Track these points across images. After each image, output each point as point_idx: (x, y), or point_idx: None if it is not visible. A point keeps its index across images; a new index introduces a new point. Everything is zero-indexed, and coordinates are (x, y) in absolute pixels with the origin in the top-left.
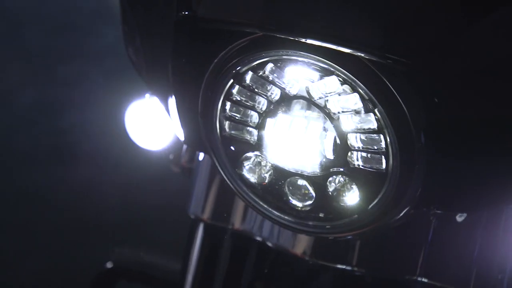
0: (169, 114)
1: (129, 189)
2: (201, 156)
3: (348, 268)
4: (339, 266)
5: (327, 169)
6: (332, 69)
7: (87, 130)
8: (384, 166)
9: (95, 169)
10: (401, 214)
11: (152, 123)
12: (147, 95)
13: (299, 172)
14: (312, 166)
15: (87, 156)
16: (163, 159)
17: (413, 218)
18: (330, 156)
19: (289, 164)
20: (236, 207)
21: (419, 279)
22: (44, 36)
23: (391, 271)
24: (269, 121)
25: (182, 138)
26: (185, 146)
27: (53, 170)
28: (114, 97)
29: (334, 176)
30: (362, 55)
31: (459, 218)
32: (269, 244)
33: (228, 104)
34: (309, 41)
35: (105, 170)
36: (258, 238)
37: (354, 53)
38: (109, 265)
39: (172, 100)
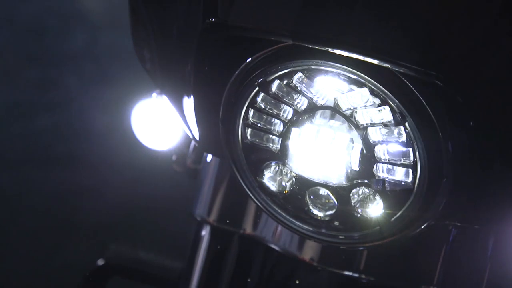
0: (181, 115)
1: (134, 189)
2: (209, 157)
3: (356, 275)
4: (348, 273)
5: (352, 181)
6: (363, 80)
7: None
8: (411, 179)
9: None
10: (422, 228)
11: (158, 123)
12: (154, 94)
13: (323, 183)
14: (337, 177)
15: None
16: (169, 159)
17: (430, 228)
18: (356, 167)
19: (313, 174)
20: (245, 211)
21: None
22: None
23: (405, 280)
24: (294, 130)
25: (197, 141)
26: (191, 147)
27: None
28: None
29: (358, 188)
30: (396, 68)
31: (475, 229)
32: (277, 249)
33: (251, 112)
34: (343, 52)
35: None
36: (266, 243)
37: (387, 66)
38: (100, 262)
39: (188, 103)
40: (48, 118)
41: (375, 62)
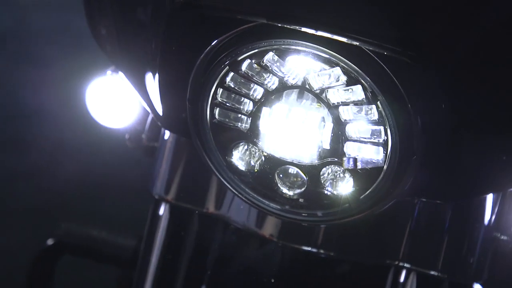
0: (140, 93)
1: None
2: (166, 135)
3: (315, 250)
4: (307, 248)
5: (323, 159)
6: (334, 59)
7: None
8: (381, 157)
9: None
10: (389, 204)
11: (114, 100)
12: (109, 72)
13: (294, 162)
14: (309, 156)
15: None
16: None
17: (396, 204)
18: (327, 146)
19: (284, 153)
20: (204, 189)
21: (401, 264)
22: None
23: (369, 256)
24: (264, 110)
25: (160, 119)
26: (148, 124)
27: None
28: None
29: (329, 166)
30: (367, 46)
31: (436, 204)
32: (237, 226)
33: (220, 91)
34: (314, 31)
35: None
36: (226, 220)
37: (358, 44)
38: (50, 241)
39: (151, 81)
40: None
41: (346, 40)
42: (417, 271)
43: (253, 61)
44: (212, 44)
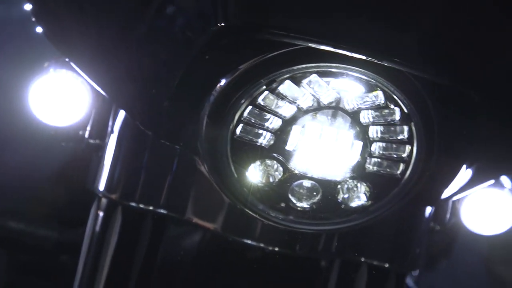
0: (96, 83)
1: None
2: (114, 135)
3: (254, 243)
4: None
5: (346, 174)
6: (374, 82)
7: None
8: (400, 171)
9: None
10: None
11: (57, 98)
12: (51, 70)
13: (314, 177)
14: (333, 173)
15: None
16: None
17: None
18: (354, 163)
19: (307, 169)
20: (157, 189)
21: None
22: None
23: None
24: (295, 128)
25: (144, 124)
26: (91, 122)
27: None
28: None
29: (349, 180)
30: (410, 71)
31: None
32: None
33: (249, 109)
34: (360, 56)
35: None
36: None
37: (404, 70)
38: None
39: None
40: None
41: (391, 65)
42: (367, 263)
43: (292, 81)
44: (249, 62)
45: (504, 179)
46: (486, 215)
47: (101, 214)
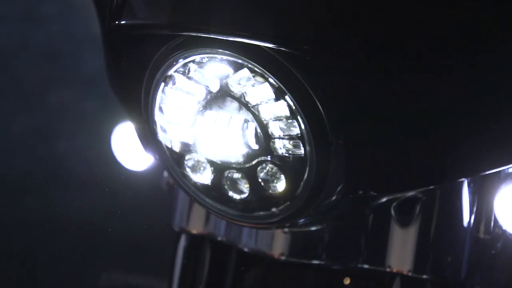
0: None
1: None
2: None
3: (289, 259)
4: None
5: (254, 159)
6: (242, 61)
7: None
8: (302, 151)
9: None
10: (332, 199)
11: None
12: None
13: (232, 165)
14: (239, 157)
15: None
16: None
17: (352, 207)
18: (254, 146)
19: (221, 157)
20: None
21: (386, 269)
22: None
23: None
24: (199, 119)
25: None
26: None
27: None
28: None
29: (263, 165)
30: (267, 45)
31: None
32: (245, 249)
33: (163, 107)
34: (218, 36)
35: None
36: (236, 244)
37: (260, 45)
38: None
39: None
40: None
41: (248, 41)
42: (401, 274)
43: (183, 74)
44: (150, 63)
45: None
46: None
47: (188, 249)
